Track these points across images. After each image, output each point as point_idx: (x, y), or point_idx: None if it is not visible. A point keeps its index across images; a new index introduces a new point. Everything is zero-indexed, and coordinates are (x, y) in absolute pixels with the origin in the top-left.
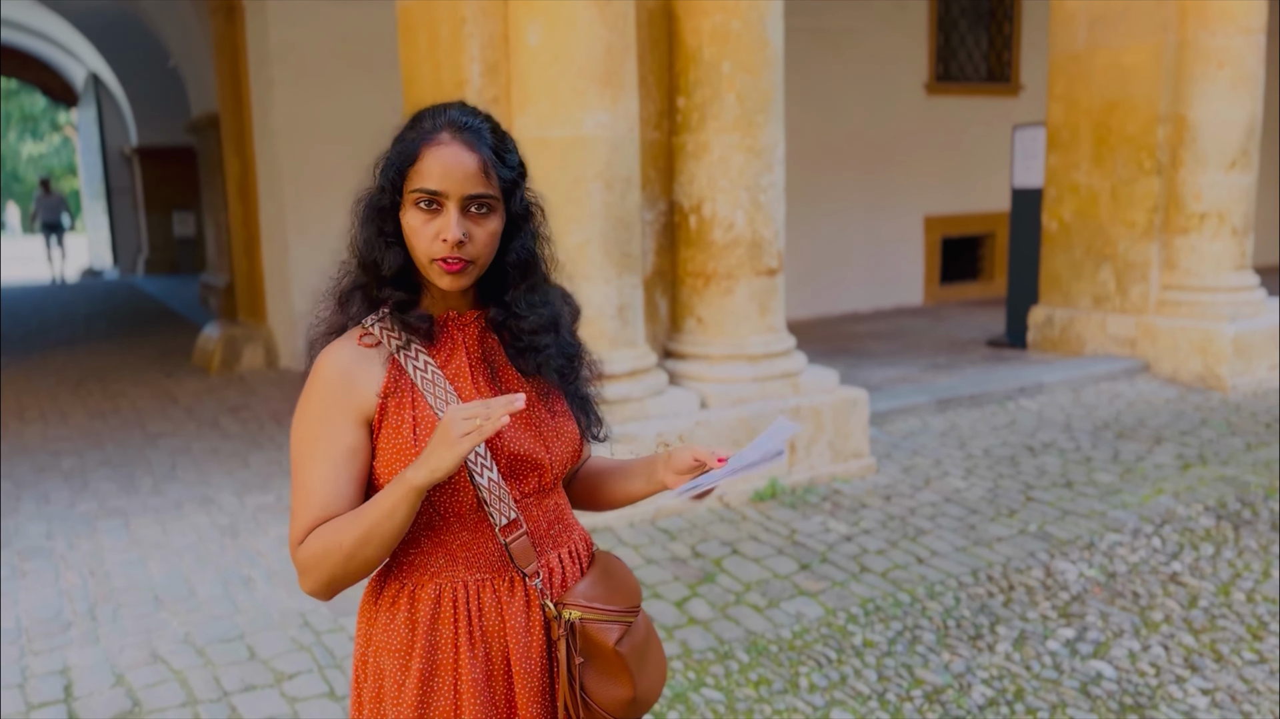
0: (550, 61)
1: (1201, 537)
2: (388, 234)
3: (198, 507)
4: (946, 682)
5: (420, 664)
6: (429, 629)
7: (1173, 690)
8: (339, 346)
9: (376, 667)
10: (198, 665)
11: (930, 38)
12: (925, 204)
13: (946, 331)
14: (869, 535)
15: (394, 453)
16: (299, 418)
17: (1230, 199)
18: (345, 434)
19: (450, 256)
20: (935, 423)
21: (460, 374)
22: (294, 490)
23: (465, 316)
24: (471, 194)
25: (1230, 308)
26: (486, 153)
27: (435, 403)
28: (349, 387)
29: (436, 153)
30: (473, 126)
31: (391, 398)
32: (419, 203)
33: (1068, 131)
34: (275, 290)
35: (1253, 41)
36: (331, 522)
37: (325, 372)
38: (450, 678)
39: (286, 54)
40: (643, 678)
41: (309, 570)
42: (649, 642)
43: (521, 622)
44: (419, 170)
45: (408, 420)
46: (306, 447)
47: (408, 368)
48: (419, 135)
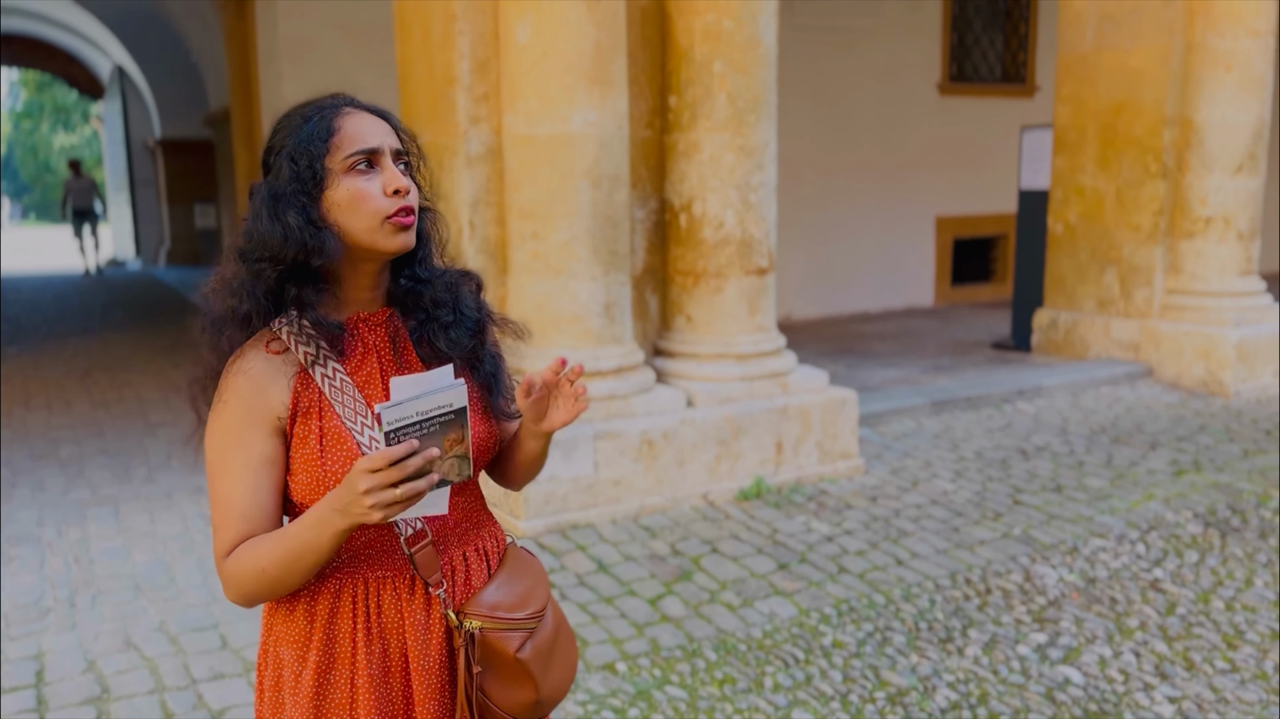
0: (539, 59)
1: (1187, 543)
2: (315, 219)
3: (188, 496)
4: (911, 684)
5: (317, 657)
6: (327, 623)
7: (1139, 698)
8: (249, 354)
9: (276, 656)
10: (169, 653)
11: (944, 38)
12: (937, 205)
13: (953, 333)
14: (850, 536)
15: (302, 466)
16: (212, 429)
17: (1237, 203)
18: (259, 444)
19: (401, 208)
20: (930, 425)
21: (371, 380)
22: (213, 502)
23: (375, 316)
24: (397, 148)
25: (1235, 313)
26: (392, 119)
27: (344, 413)
28: (259, 397)
29: (354, 119)
30: (369, 104)
31: (300, 410)
32: (357, 165)
33: (1074, 133)
34: None
35: (1261, 44)
36: (255, 541)
37: (235, 381)
38: (348, 672)
39: (295, 48)
40: (547, 679)
41: (232, 584)
42: (556, 640)
43: (421, 620)
44: (344, 138)
45: (314, 433)
46: (221, 457)
47: (316, 376)
48: (324, 112)
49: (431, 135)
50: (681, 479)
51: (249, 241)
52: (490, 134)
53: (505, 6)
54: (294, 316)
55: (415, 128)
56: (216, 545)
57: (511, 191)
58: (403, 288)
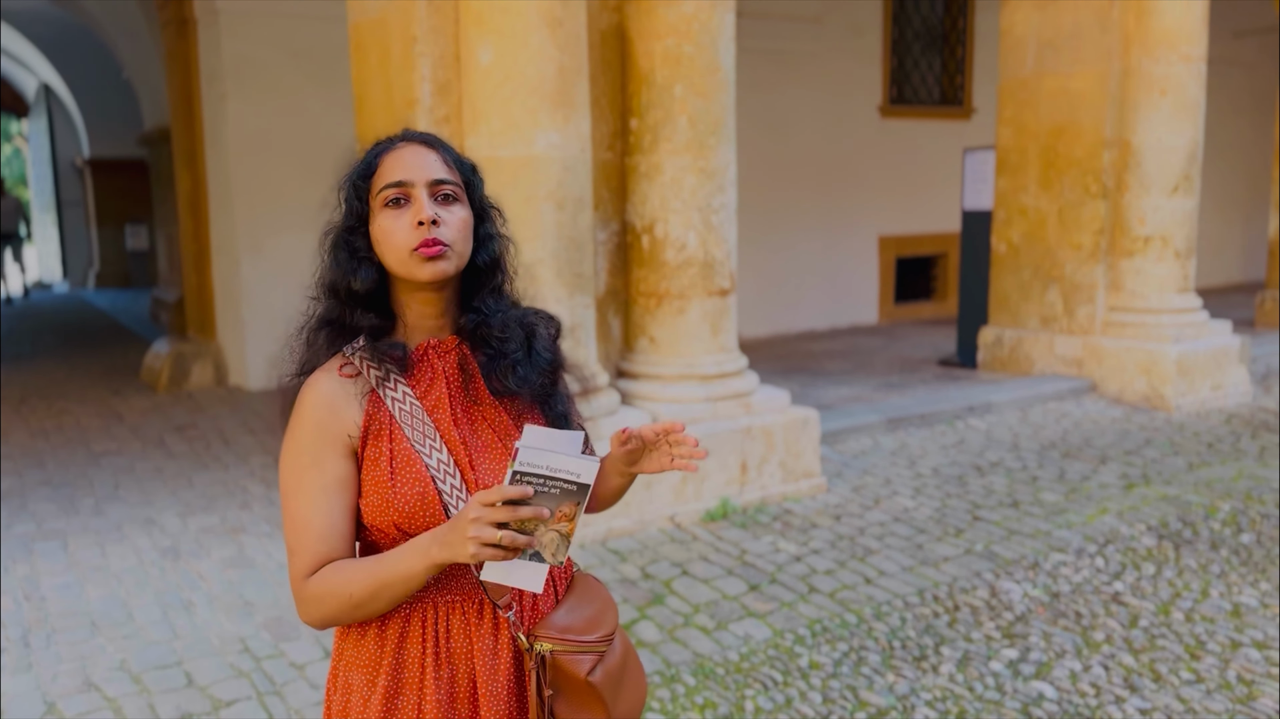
0: (502, 81)
1: (1143, 556)
2: (359, 251)
3: (139, 528)
4: (890, 704)
5: (386, 681)
6: (396, 648)
7: (1112, 711)
8: (321, 379)
9: (345, 682)
10: (133, 693)
11: (884, 61)
12: (880, 224)
13: (900, 351)
14: (818, 555)
15: (373, 488)
16: (287, 452)
17: (1173, 223)
18: (334, 466)
19: (427, 239)
20: (886, 442)
21: (440, 405)
22: (288, 524)
23: (445, 343)
24: (436, 179)
25: (1174, 329)
26: (443, 149)
27: (413, 436)
28: (333, 419)
29: (395, 154)
30: (424, 135)
31: (371, 432)
32: (388, 201)
33: (1016, 155)
34: (225, 306)
35: (1193, 69)
36: (341, 565)
37: (310, 404)
38: (415, 697)
39: (240, 68)
40: (618, 703)
41: (312, 606)
42: (626, 665)
43: (489, 646)
44: (381, 173)
45: (385, 455)
46: (296, 480)
47: (386, 400)
48: (375, 150)
49: None
50: (648, 501)
51: (318, 274)
52: None
53: (467, 29)
54: (362, 342)
55: None
56: (295, 567)
57: None
58: (470, 321)
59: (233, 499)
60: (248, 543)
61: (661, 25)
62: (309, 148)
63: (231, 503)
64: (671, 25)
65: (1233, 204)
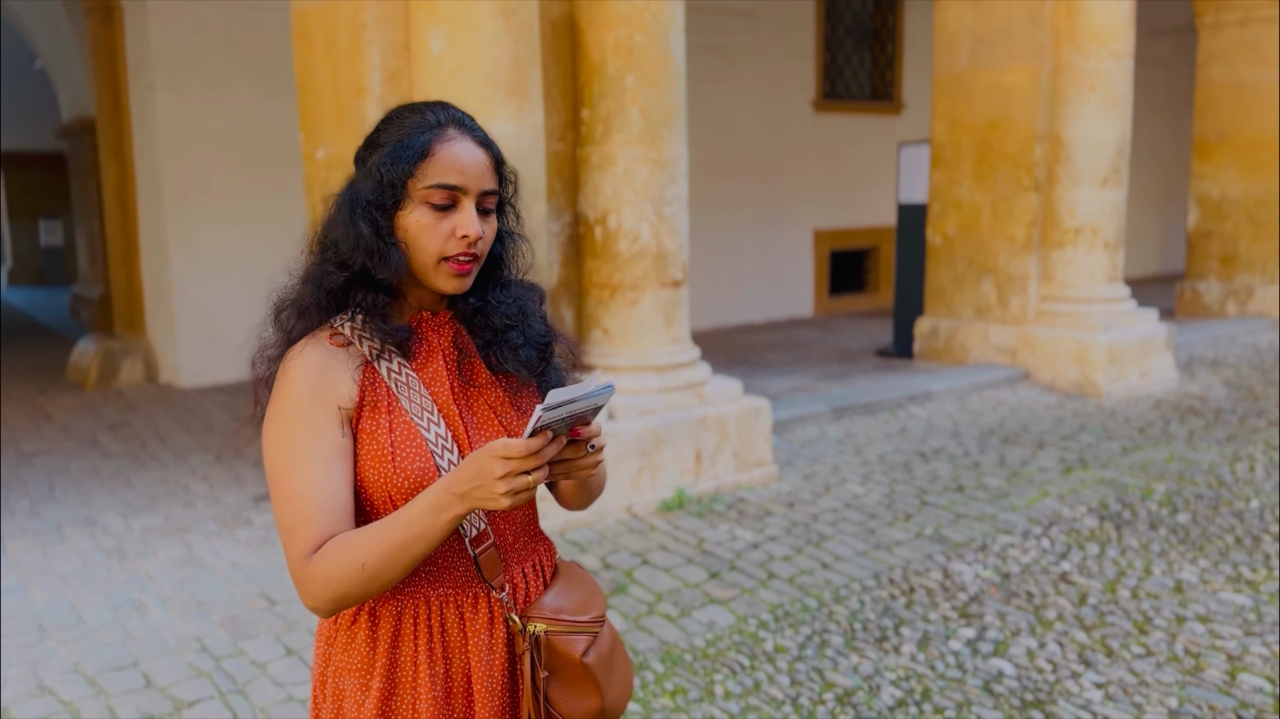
0: (455, 70)
1: (1087, 537)
2: (384, 233)
3: (80, 529)
4: (856, 684)
5: (380, 684)
6: (390, 648)
7: (1069, 685)
8: (310, 347)
9: (336, 687)
10: (89, 696)
11: (817, 56)
12: (814, 218)
13: (837, 342)
14: (775, 542)
15: (371, 464)
16: (273, 425)
17: (1103, 214)
18: (329, 434)
19: (464, 254)
20: (832, 431)
21: (437, 379)
22: (281, 503)
23: (439, 317)
24: (486, 190)
25: (1104, 318)
26: (493, 148)
27: (411, 408)
28: (326, 387)
29: (451, 148)
30: (474, 125)
31: (367, 404)
32: (432, 200)
33: (951, 149)
34: (155, 302)
35: (1121, 65)
36: (347, 537)
37: (298, 373)
38: (410, 697)
39: (168, 57)
40: (610, 687)
41: (318, 586)
42: (615, 650)
43: (484, 639)
44: (434, 165)
45: (384, 429)
46: (288, 452)
47: (383, 372)
48: (424, 130)
49: (337, 147)
50: (605, 492)
51: (325, 235)
52: None
53: (418, 16)
54: (356, 314)
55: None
56: (294, 546)
57: None
58: (470, 307)
59: (175, 498)
60: (196, 542)
61: (613, 15)
62: (242, 139)
63: (174, 502)
64: (623, 16)
65: (1150, 198)
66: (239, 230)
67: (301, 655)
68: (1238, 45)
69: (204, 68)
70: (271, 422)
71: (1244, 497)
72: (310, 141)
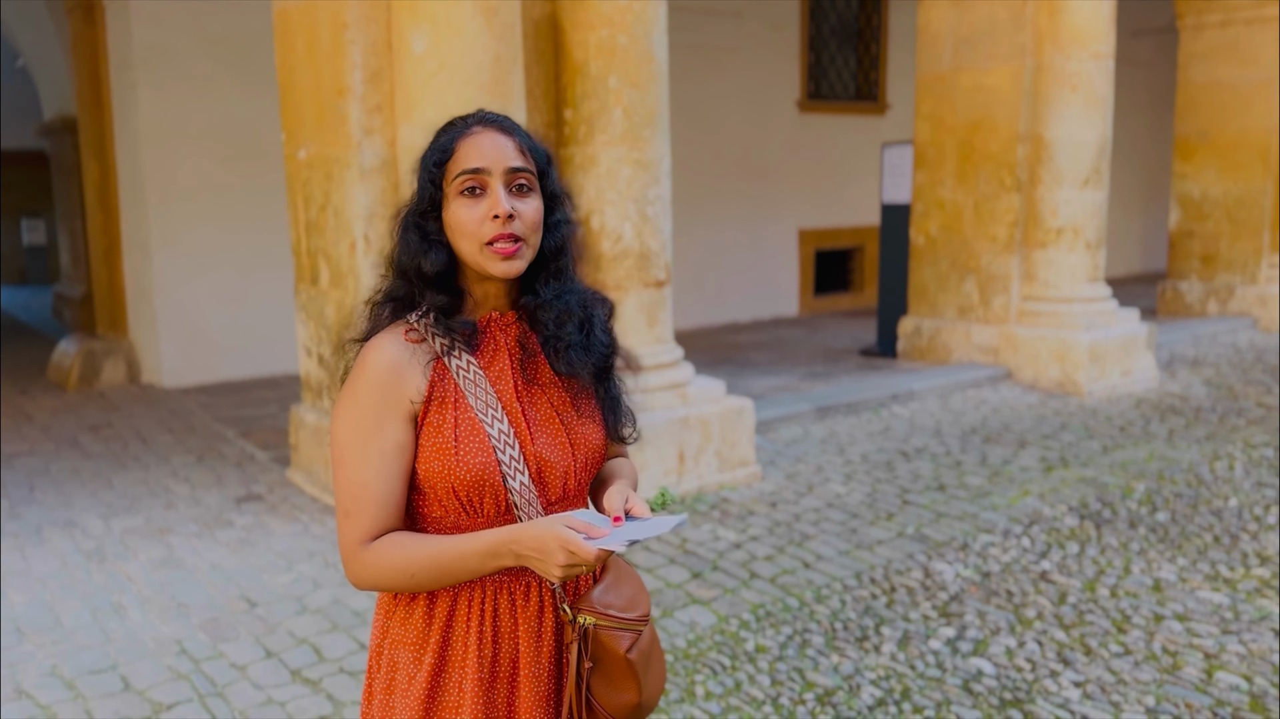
0: (437, 69)
1: (1067, 536)
2: (430, 235)
3: (60, 530)
4: (837, 684)
5: (432, 659)
6: (444, 628)
7: (1048, 684)
8: (385, 341)
9: (391, 659)
10: (67, 699)
11: (802, 57)
12: (799, 217)
13: (822, 341)
14: (757, 542)
15: (434, 454)
16: (345, 412)
17: (1084, 214)
18: (394, 430)
19: (503, 235)
20: (815, 430)
21: (502, 376)
22: (342, 486)
23: (506, 317)
24: (512, 167)
25: (1085, 317)
26: (519, 134)
27: (476, 405)
28: (398, 382)
29: (472, 140)
30: (500, 119)
31: (435, 398)
32: (463, 189)
33: (934, 149)
34: (137, 302)
35: (1102, 66)
36: (405, 541)
37: (374, 366)
38: (458, 675)
39: (150, 56)
40: (648, 684)
41: (365, 572)
42: (653, 647)
43: (534, 625)
44: (457, 159)
45: (449, 422)
46: (358, 441)
47: (451, 368)
48: (451, 134)
49: (319, 147)
50: None
51: (391, 255)
52: (385, 146)
53: (399, 16)
54: (425, 310)
55: (301, 139)
56: (350, 530)
57: None
58: (530, 303)
59: (156, 499)
60: (176, 543)
61: (595, 16)
62: (224, 138)
63: (155, 503)
64: (605, 16)
65: (1132, 198)
66: (221, 230)
67: (281, 658)
68: (1218, 46)
69: (186, 66)
70: (343, 408)
71: (1223, 495)
72: (292, 141)
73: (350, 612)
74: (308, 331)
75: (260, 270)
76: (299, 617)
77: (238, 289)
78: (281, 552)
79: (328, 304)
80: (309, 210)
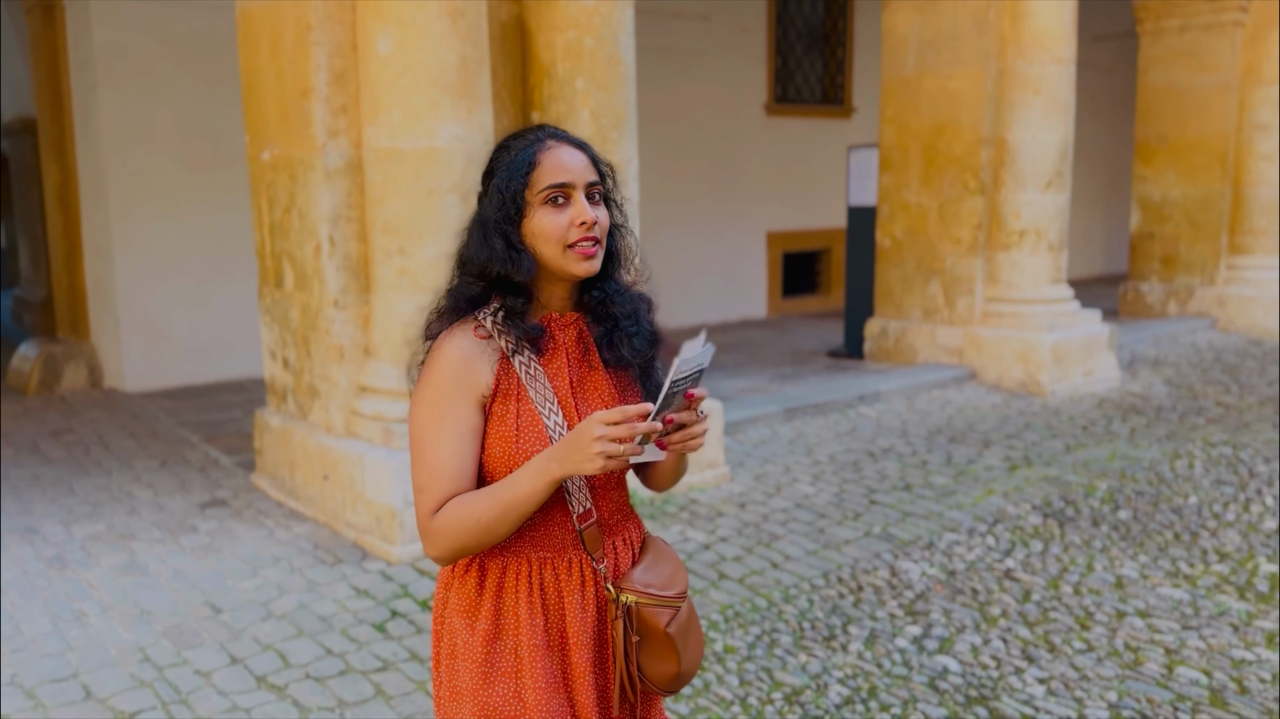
0: (402, 71)
1: (1030, 534)
2: (515, 243)
3: (20, 538)
4: (804, 683)
5: (485, 625)
6: (495, 595)
7: (1013, 681)
8: (458, 335)
9: (450, 625)
10: (27, 709)
11: (769, 61)
12: (767, 220)
13: (790, 343)
14: (726, 543)
15: (497, 443)
16: (422, 399)
17: (1046, 217)
18: (467, 414)
19: (587, 238)
20: (784, 431)
21: (559, 374)
22: (419, 465)
23: (565, 318)
24: (592, 180)
25: (1048, 318)
26: (589, 151)
27: (536, 399)
28: (469, 373)
29: (553, 154)
30: (569, 135)
31: (500, 392)
32: (550, 199)
33: (899, 153)
34: (99, 305)
35: (1064, 70)
36: (465, 497)
37: (448, 357)
38: (512, 639)
39: (111, 57)
40: (686, 655)
41: (440, 537)
42: (691, 621)
43: (577, 599)
44: (542, 172)
45: (512, 415)
46: (433, 424)
47: (516, 365)
48: (528, 146)
49: (284, 148)
50: None
51: (463, 255)
52: (350, 147)
53: (364, 17)
54: (495, 310)
55: (265, 140)
56: (424, 503)
57: (374, 206)
58: (594, 298)
59: (119, 505)
60: (139, 549)
61: (562, 18)
62: (187, 139)
63: (118, 509)
64: (573, 18)
65: (1094, 201)
66: (185, 232)
67: (246, 664)
68: (1177, 51)
69: (148, 67)
70: (420, 395)
71: (1183, 493)
72: (256, 143)
73: (316, 617)
74: (273, 335)
75: (224, 273)
76: (264, 623)
77: (201, 292)
78: (246, 557)
79: (293, 307)
80: (273, 212)
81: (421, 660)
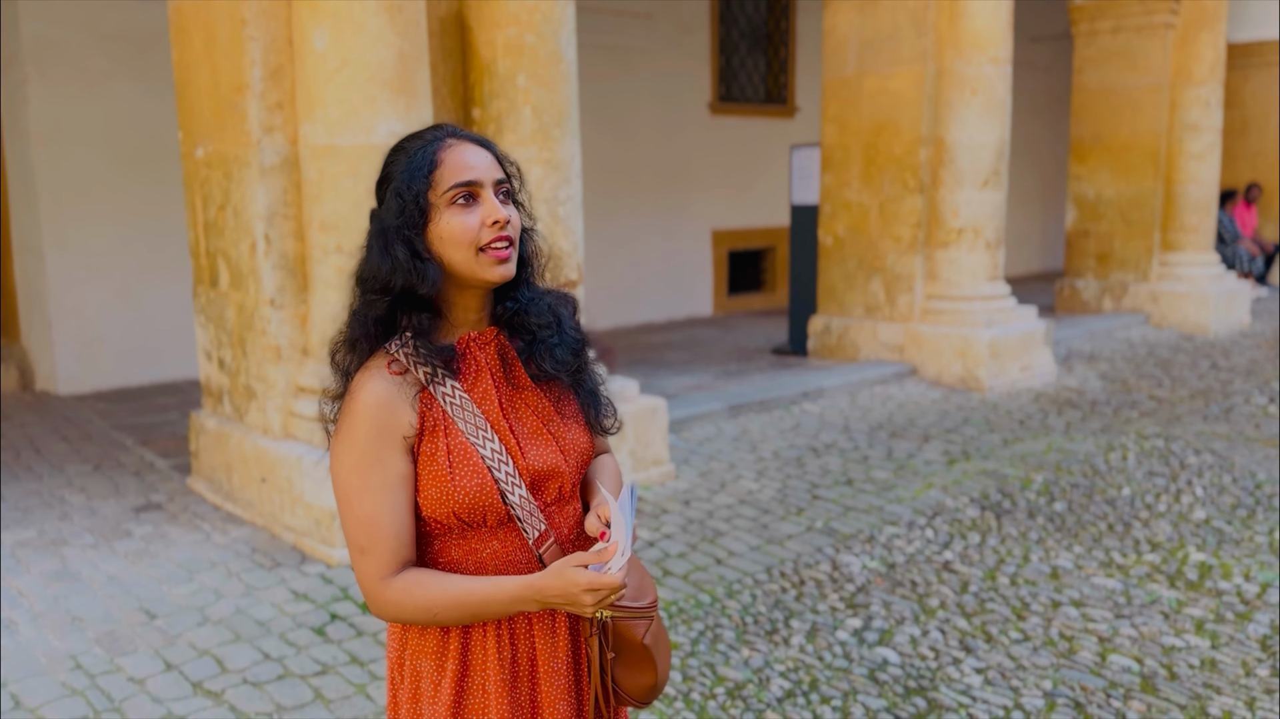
0: (339, 66)
1: (968, 526)
2: (420, 251)
3: None
4: (747, 677)
5: (454, 665)
6: (463, 633)
7: (951, 672)
8: (372, 377)
9: (414, 669)
10: None
11: (713, 60)
12: (712, 218)
13: (735, 341)
14: (671, 540)
15: (431, 484)
16: (343, 452)
17: (984, 215)
18: (394, 462)
19: (499, 239)
20: (728, 428)
21: (487, 397)
22: (352, 523)
23: (484, 336)
24: (499, 178)
25: (986, 315)
26: (494, 148)
27: (466, 429)
28: (391, 418)
29: (455, 152)
30: (468, 132)
31: (426, 428)
32: (457, 199)
33: (840, 152)
34: (29, 306)
35: (1001, 71)
36: (427, 580)
37: (364, 404)
38: (481, 678)
39: (41, 52)
40: (661, 664)
41: (390, 608)
42: (662, 629)
43: (548, 623)
44: (446, 171)
45: (442, 451)
46: (360, 478)
47: (438, 396)
48: (427, 145)
49: (218, 145)
50: None
51: (362, 272)
52: (286, 144)
53: (300, 12)
54: (406, 339)
55: (199, 137)
56: (369, 567)
57: (312, 204)
58: (509, 309)
59: (50, 510)
60: (71, 555)
61: (502, 14)
62: (120, 136)
63: (49, 514)
64: (513, 15)
65: (1031, 199)
66: (117, 231)
67: (182, 670)
68: (1110, 52)
69: (79, 62)
70: (341, 448)
71: (1116, 485)
72: (190, 139)
73: (254, 622)
74: (208, 335)
75: (159, 272)
76: (200, 628)
77: (135, 292)
78: (182, 562)
79: (228, 306)
80: (208, 210)
81: (361, 663)
